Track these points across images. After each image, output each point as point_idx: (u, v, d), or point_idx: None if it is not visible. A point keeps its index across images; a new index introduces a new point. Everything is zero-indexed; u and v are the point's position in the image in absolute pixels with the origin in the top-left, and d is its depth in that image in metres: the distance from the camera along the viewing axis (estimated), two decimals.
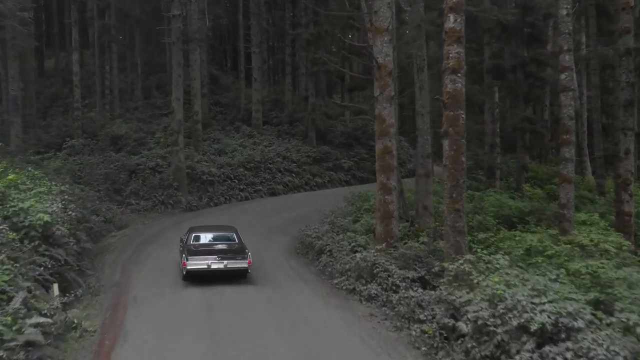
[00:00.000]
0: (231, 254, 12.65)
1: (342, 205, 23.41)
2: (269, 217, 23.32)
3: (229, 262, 12.25)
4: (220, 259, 12.26)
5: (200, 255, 12.36)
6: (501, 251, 11.35)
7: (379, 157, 12.86)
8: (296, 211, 24.65)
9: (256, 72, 34.08)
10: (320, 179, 32.18)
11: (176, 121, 25.70)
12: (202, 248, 12.91)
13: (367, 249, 14.68)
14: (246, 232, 19.46)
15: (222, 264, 12.18)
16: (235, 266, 12.28)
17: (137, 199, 24.94)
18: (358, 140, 36.28)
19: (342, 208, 22.84)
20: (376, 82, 12.87)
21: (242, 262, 12.30)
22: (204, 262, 12.15)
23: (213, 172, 27.32)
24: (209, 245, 13.24)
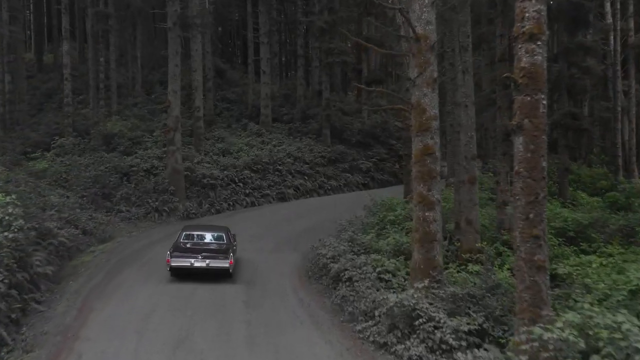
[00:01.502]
0: (215, 253, 12.75)
1: (361, 214, 20.28)
2: (277, 227, 20.18)
3: (211, 261, 12.41)
4: (203, 257, 12.42)
5: (184, 252, 12.64)
6: (591, 295, 8.04)
7: (417, 160, 9.59)
8: (308, 220, 21.50)
9: (264, 64, 30.95)
10: (336, 182, 28.96)
11: (172, 117, 22.68)
12: (188, 246, 13.14)
13: (396, 277, 11.54)
14: (249, 247, 16.45)
15: (205, 262, 12.35)
16: (216, 265, 12.41)
17: (128, 206, 21.98)
18: (377, 138, 32.98)
19: (362, 218, 19.69)
20: (413, 59, 9.61)
21: (224, 262, 12.40)
22: (187, 260, 12.39)
23: (215, 174, 24.26)
24: (196, 244, 13.44)
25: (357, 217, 19.89)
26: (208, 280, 12.42)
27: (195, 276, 12.50)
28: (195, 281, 12.43)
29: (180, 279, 12.53)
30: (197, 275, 12.54)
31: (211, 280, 12.52)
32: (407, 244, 12.87)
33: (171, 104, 22.64)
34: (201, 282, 12.41)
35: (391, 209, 17.54)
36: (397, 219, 16.54)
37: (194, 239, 13.83)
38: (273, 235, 18.94)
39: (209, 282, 12.41)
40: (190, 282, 12.27)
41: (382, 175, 31.42)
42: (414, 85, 9.60)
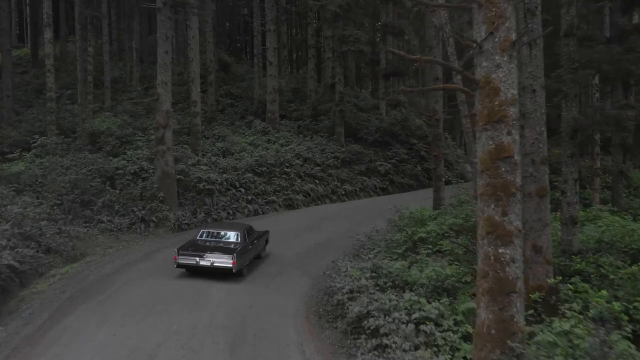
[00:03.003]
0: (220, 252, 12.57)
1: (382, 226, 17.02)
2: (282, 241, 16.93)
3: (216, 260, 12.39)
4: (208, 257, 12.44)
5: (191, 251, 12.70)
6: None
7: (485, 167, 6.24)
8: (319, 233, 18.27)
9: (271, 54, 27.72)
10: (351, 187, 25.64)
11: (162, 112, 19.55)
12: (198, 244, 13.28)
13: (441, 327, 8.25)
14: (247, 267, 13.28)
15: (209, 261, 12.40)
16: (220, 265, 12.37)
17: (111, 215, 18.91)
18: (396, 137, 29.58)
19: (384, 233, 16.45)
20: (479, 11, 6.25)
21: (227, 262, 12.32)
22: (193, 259, 12.51)
23: (212, 178, 21.09)
24: (207, 242, 13.46)
25: (378, 231, 16.65)
26: (185, 320, 9.21)
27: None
28: (158, 334, 9.25)
29: (146, 325, 9.35)
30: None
31: (189, 320, 9.38)
32: (453, 278, 9.54)
33: (160, 97, 19.50)
34: (165, 337, 9.23)
35: (421, 223, 14.17)
36: (430, 236, 13.20)
37: (209, 236, 13.80)
38: (277, 252, 15.73)
39: (183, 327, 9.20)
40: (150, 333, 9.08)
41: (402, 178, 28.04)
42: (480, 52, 6.26)
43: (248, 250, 13.32)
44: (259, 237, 14.72)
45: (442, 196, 17.11)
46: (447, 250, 11.94)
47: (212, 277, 12.44)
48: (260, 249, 14.72)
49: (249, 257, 13.36)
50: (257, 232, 14.95)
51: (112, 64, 38.08)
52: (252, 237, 14.14)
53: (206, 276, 12.50)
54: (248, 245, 13.41)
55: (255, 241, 14.16)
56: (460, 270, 10.05)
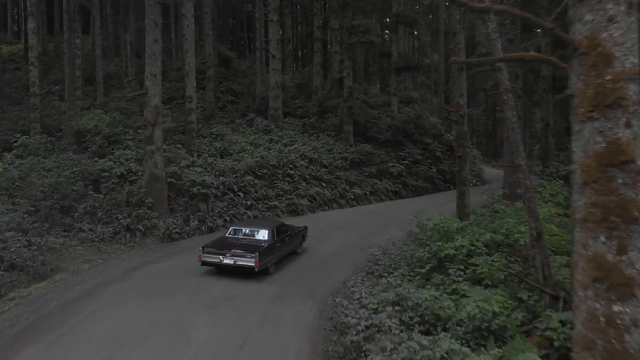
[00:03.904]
0: (244, 251, 12.32)
1: (398, 236, 14.91)
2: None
3: (238, 259, 12.21)
4: (231, 255, 12.28)
5: (216, 249, 12.57)
6: None
7: (590, 178, 4.03)
8: (327, 244, 16.16)
9: (274, 46, 25.58)
10: (360, 190, 23.45)
11: (151, 108, 17.48)
12: (224, 242, 13.15)
13: None
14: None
15: (232, 260, 12.23)
16: (242, 264, 12.16)
17: (93, 223, 16.89)
18: (409, 136, 27.37)
19: (400, 244, 14.33)
20: None
21: (250, 261, 12.06)
22: (217, 257, 12.39)
23: (208, 181, 18.99)
24: (234, 240, 13.29)
25: (395, 243, 14.49)
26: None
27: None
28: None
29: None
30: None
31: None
32: (502, 318, 7.36)
33: (149, 91, 17.43)
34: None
35: (447, 236, 11.95)
36: (459, 253, 10.98)
37: (237, 234, 13.65)
38: (278, 268, 13.60)
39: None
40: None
41: (416, 180, 25.83)
42: (579, 1, 4.07)
43: (276, 248, 13.16)
44: (294, 234, 14.66)
45: (467, 203, 14.92)
46: (483, 273, 9.73)
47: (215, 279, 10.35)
48: (294, 245, 14.69)
49: (278, 254, 13.25)
50: (291, 228, 14.92)
51: (108, 60, 36.23)
52: (284, 234, 13.96)
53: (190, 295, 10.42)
54: (276, 243, 13.25)
55: (287, 238, 14.00)
56: (508, 304, 7.87)
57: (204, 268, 13.01)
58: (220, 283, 11.79)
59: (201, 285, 11.56)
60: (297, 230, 15.11)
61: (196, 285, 11.59)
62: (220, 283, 11.79)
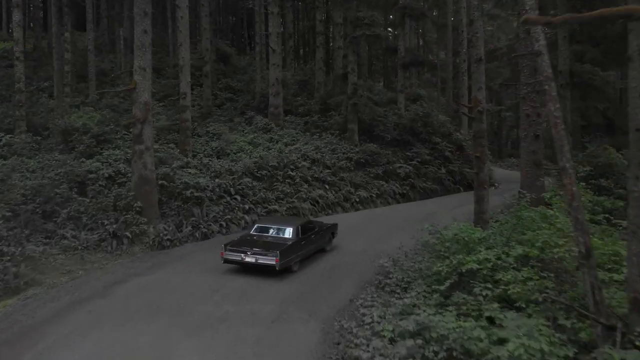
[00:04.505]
0: (265, 249, 12.20)
1: (410, 243, 13.60)
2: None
3: (260, 257, 12.07)
4: (253, 253, 12.14)
5: (238, 246, 12.51)
6: None
7: None
8: (332, 253, 14.70)
9: (274, 40, 24.21)
10: (366, 192, 22.04)
11: (140, 104, 16.13)
12: (247, 240, 13.11)
13: None
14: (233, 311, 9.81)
15: (254, 258, 12.11)
16: (264, 262, 12.02)
17: (77, 229, 15.56)
18: (417, 135, 25.98)
19: (412, 253, 13.03)
20: None
21: (271, 259, 11.91)
22: (239, 255, 12.28)
23: (202, 184, 17.62)
24: (257, 237, 13.23)
25: (407, 253, 13.14)
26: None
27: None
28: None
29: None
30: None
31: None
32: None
33: (137, 86, 16.07)
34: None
35: (468, 247, 10.54)
36: (483, 268, 9.58)
37: (261, 231, 13.56)
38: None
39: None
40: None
41: (424, 182, 24.42)
42: None
43: (300, 247, 12.97)
44: (322, 231, 14.51)
45: (485, 208, 13.52)
46: (515, 293, 8.34)
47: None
48: (322, 242, 14.51)
49: (302, 253, 13.04)
50: (319, 225, 14.76)
51: (103, 56, 34.90)
52: (310, 231, 13.77)
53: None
54: (301, 241, 13.06)
55: (314, 236, 13.82)
56: (555, 338, 6.46)
57: (195, 280, 11.67)
58: (212, 301, 10.41)
59: (190, 304, 10.18)
60: (325, 227, 14.95)
61: (185, 302, 10.21)
62: (211, 301, 10.40)
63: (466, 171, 26.71)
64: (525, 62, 18.21)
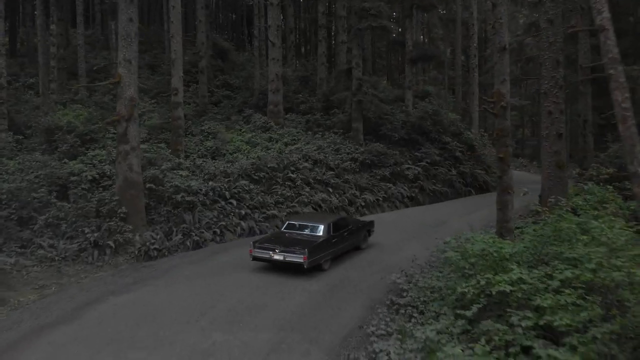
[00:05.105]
0: (295, 247, 12.04)
1: (424, 254, 12.17)
2: (280, 282, 11.88)
3: (288, 255, 11.90)
4: (281, 251, 11.98)
5: (267, 244, 12.37)
6: None
7: None
8: (334, 264, 13.18)
9: (273, 33, 22.71)
10: (372, 196, 20.53)
11: (124, 100, 14.63)
12: (277, 237, 12.97)
13: None
14: (221, 340, 8.30)
15: (282, 256, 11.95)
16: (292, 260, 11.85)
17: (55, 237, 14.12)
18: (426, 134, 24.47)
19: (427, 266, 11.56)
20: None
21: (299, 257, 11.73)
22: (267, 252, 12.13)
23: (195, 187, 16.13)
24: (287, 235, 13.10)
25: (422, 267, 11.66)
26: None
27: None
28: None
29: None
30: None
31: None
32: None
33: (122, 80, 14.57)
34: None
35: (497, 264, 9.00)
36: (518, 290, 8.05)
37: (292, 229, 13.38)
38: (270, 306, 10.69)
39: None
40: None
41: (434, 184, 22.88)
42: None
43: (331, 244, 12.79)
44: (357, 229, 14.25)
45: (510, 216, 11.97)
46: (564, 325, 6.83)
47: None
48: (357, 240, 14.28)
49: (333, 251, 12.89)
50: (353, 223, 14.49)
51: (96, 52, 33.49)
52: (343, 229, 13.52)
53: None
54: (332, 238, 12.86)
55: (346, 234, 13.56)
56: None
57: (180, 300, 10.17)
58: (197, 327, 8.90)
59: (172, 332, 8.67)
60: (360, 224, 14.67)
61: (166, 330, 8.71)
62: (197, 328, 8.89)
63: (477, 173, 25.19)
64: (547, 54, 16.68)
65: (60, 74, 26.73)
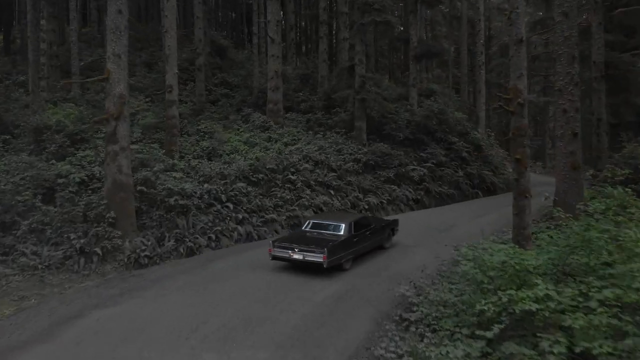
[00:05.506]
0: (314, 246, 11.81)
1: (433, 263, 11.29)
2: (277, 294, 10.93)
3: (307, 254, 11.74)
4: (300, 250, 11.81)
5: (287, 243, 12.22)
6: None
7: None
8: (337, 275, 12.26)
9: (272, 29, 21.80)
10: (376, 198, 19.62)
11: (113, 97, 13.74)
12: (297, 236, 12.82)
13: None
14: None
15: (302, 255, 11.80)
16: (311, 259, 11.68)
17: (39, 244, 13.25)
18: (432, 134, 23.55)
19: (440, 278, 10.65)
20: None
21: (318, 257, 11.55)
22: (286, 252, 12.01)
23: (189, 190, 15.23)
24: (308, 234, 12.91)
25: (433, 279, 10.76)
26: None
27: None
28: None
29: None
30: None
31: None
32: None
33: (111, 76, 13.68)
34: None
35: (519, 278, 8.09)
36: (545, 309, 7.15)
37: (313, 228, 13.16)
38: (269, 319, 9.75)
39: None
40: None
41: (440, 186, 21.97)
42: None
43: (352, 244, 12.60)
44: (380, 228, 14.00)
45: (527, 222, 11.08)
46: (604, 354, 5.93)
47: None
48: (380, 239, 14.07)
49: (355, 250, 12.69)
50: (376, 222, 14.26)
51: (92, 50, 32.61)
52: (365, 228, 13.28)
53: None
54: (353, 237, 12.66)
55: (369, 233, 13.32)
56: None
57: (170, 314, 9.28)
58: (186, 347, 8.00)
59: (158, 352, 7.78)
60: (383, 223, 14.43)
61: (151, 351, 7.81)
62: (186, 347, 7.99)
63: (485, 174, 24.28)
64: (562, 49, 15.79)
65: (54, 72, 25.85)
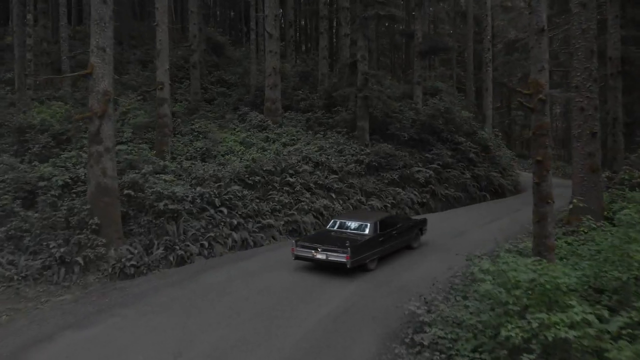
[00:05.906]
0: (337, 246, 11.59)
1: (444, 274, 10.30)
2: (273, 310, 9.89)
3: (330, 254, 11.54)
4: (323, 250, 11.63)
5: (309, 242, 12.07)
6: None
7: None
8: (339, 285, 11.22)
9: (270, 23, 20.76)
10: (379, 202, 18.58)
11: (97, 94, 12.70)
12: (321, 236, 12.71)
13: None
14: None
15: (325, 255, 11.61)
16: (334, 259, 11.49)
17: (16, 253, 12.26)
18: (437, 134, 22.50)
19: (454, 293, 9.63)
20: None
21: (341, 257, 11.34)
22: (309, 251, 11.84)
23: (179, 193, 14.18)
24: (332, 233, 12.71)
25: (447, 295, 9.70)
26: None
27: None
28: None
29: None
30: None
31: None
32: None
33: (95, 71, 12.64)
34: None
35: (550, 298, 7.04)
36: (583, 337, 6.11)
37: (338, 227, 12.94)
38: (265, 339, 8.69)
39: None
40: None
41: (446, 189, 20.91)
42: None
43: (378, 243, 12.34)
44: (407, 227, 13.76)
45: (550, 231, 9.99)
46: None
47: None
48: (407, 239, 13.82)
49: (380, 250, 12.44)
50: (403, 221, 14.04)
51: (85, 47, 31.63)
52: (391, 227, 13.02)
53: None
54: (378, 237, 12.43)
55: (395, 232, 13.07)
56: None
57: (153, 335, 8.23)
58: None
59: None
60: (411, 223, 14.15)
61: None
62: None
63: (493, 176, 23.24)
64: (579, 43, 14.72)
65: (44, 69, 24.88)
